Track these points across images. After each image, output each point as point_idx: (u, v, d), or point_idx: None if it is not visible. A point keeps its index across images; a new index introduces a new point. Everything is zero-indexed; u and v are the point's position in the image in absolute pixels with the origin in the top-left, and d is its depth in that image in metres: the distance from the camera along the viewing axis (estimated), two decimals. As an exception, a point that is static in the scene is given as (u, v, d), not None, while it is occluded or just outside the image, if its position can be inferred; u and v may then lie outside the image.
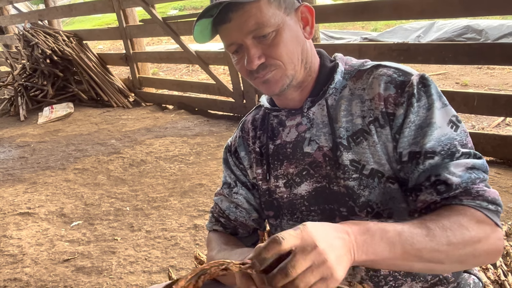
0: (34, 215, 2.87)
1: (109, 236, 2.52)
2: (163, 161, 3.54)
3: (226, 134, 4.05)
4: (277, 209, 0.99)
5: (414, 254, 0.72)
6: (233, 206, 1.05)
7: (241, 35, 0.85)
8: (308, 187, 0.94)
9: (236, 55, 0.90)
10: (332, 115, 0.91)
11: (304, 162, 0.94)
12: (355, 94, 0.91)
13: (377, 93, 0.87)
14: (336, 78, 0.92)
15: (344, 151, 0.89)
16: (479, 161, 0.82)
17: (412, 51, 3.06)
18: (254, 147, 1.03)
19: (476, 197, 0.79)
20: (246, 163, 1.05)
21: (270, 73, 0.88)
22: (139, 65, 5.53)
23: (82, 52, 5.70)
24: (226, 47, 0.90)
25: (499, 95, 2.89)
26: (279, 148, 0.98)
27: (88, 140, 4.32)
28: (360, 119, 0.89)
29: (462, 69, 5.55)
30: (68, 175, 3.49)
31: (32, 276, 2.21)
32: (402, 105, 0.84)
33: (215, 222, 1.09)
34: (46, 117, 5.29)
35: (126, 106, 5.41)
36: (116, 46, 10.85)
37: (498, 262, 1.79)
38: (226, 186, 1.08)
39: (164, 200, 2.88)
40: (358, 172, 0.88)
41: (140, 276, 2.11)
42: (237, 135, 1.08)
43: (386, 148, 0.87)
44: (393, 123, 0.85)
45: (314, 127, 0.93)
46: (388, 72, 0.88)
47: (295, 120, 0.96)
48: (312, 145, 0.93)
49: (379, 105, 0.86)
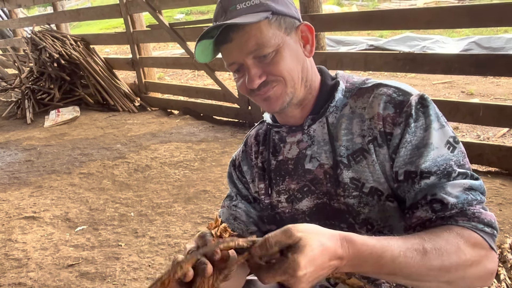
0: (39, 219, 2.88)
1: (113, 241, 2.53)
2: (167, 167, 3.55)
3: (231, 140, 4.06)
4: (279, 223, 1.00)
5: (400, 275, 0.75)
6: (232, 218, 1.07)
7: (242, 55, 0.87)
8: (309, 203, 0.96)
9: (237, 73, 0.92)
10: (333, 133, 0.93)
11: (306, 179, 0.96)
12: (355, 113, 0.92)
13: (376, 112, 0.88)
14: (337, 96, 0.94)
15: (344, 169, 0.90)
16: (477, 182, 0.82)
17: (418, 61, 3.06)
18: (257, 162, 1.05)
19: (471, 219, 0.79)
20: (248, 177, 1.07)
21: (272, 89, 0.89)
22: (145, 70, 5.56)
23: (89, 56, 5.74)
24: (227, 66, 0.92)
25: (505, 106, 2.88)
26: (281, 164, 1.00)
27: (93, 144, 4.34)
28: (360, 138, 0.90)
29: (468, 78, 5.53)
30: (73, 179, 3.51)
31: (36, 281, 2.22)
32: (399, 125, 0.85)
33: None
34: (53, 120, 5.33)
35: (132, 110, 5.44)
36: (123, 50, 10.91)
37: (502, 275, 1.78)
38: (228, 199, 1.11)
39: (168, 206, 2.89)
40: (358, 190, 0.89)
41: (144, 283, 2.12)
42: (241, 150, 1.11)
43: (384, 167, 0.88)
44: (390, 143, 0.86)
45: (315, 145, 0.95)
46: (388, 92, 0.89)
47: (295, 137, 0.98)
48: (313, 162, 0.95)
49: (378, 124, 0.88)
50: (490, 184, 2.63)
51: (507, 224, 2.25)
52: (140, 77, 5.56)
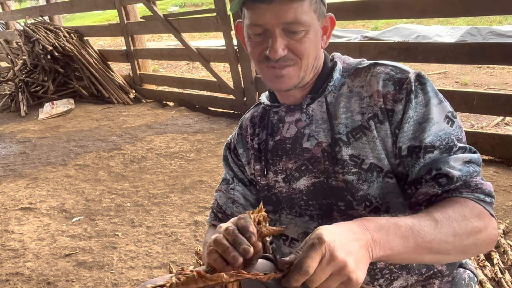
0: (36, 210, 2.88)
1: (110, 231, 2.54)
2: (163, 158, 3.55)
3: (226, 131, 4.06)
4: (275, 204, 1.01)
5: (425, 247, 0.74)
6: (230, 201, 1.08)
7: (275, 22, 0.86)
8: (306, 182, 0.96)
9: (255, 37, 0.90)
10: (331, 111, 0.94)
11: (303, 158, 0.96)
12: (353, 92, 0.94)
13: (375, 90, 0.90)
14: (334, 76, 0.95)
15: (343, 146, 0.91)
16: (475, 156, 0.86)
17: (413, 50, 3.07)
18: (253, 143, 1.05)
19: (475, 190, 0.82)
20: (244, 160, 1.07)
21: (288, 68, 0.90)
22: (140, 61, 5.54)
23: (83, 48, 5.71)
24: (250, 25, 0.89)
25: (499, 95, 2.91)
26: (279, 144, 1.00)
27: (88, 136, 4.33)
28: (359, 115, 0.92)
29: (462, 68, 5.56)
30: (69, 171, 3.50)
31: (34, 271, 2.23)
32: (400, 101, 0.87)
33: (214, 217, 1.12)
34: (47, 113, 5.31)
35: (127, 102, 5.43)
36: (117, 42, 10.85)
37: (495, 259, 1.81)
38: (224, 183, 1.11)
39: (164, 196, 2.90)
40: (357, 167, 0.90)
41: (141, 271, 2.13)
42: (236, 133, 1.11)
43: (385, 144, 0.89)
44: (392, 119, 0.88)
45: (313, 123, 0.96)
46: (386, 70, 0.91)
47: (294, 116, 0.99)
48: (311, 140, 0.95)
49: (378, 101, 0.89)
50: (484, 172, 2.66)
51: (500, 211, 2.28)
52: (134, 69, 5.53)
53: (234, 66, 4.29)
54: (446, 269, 0.95)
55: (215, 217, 1.11)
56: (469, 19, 7.73)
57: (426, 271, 0.94)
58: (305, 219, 0.97)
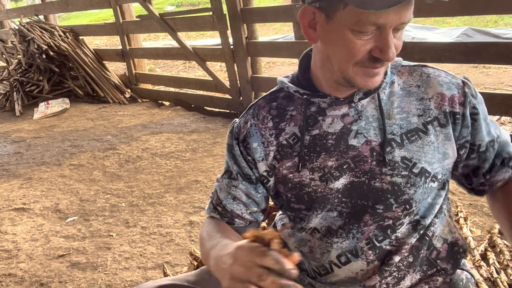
0: (29, 211, 2.86)
1: (104, 232, 2.52)
2: (159, 158, 3.54)
3: (222, 131, 4.05)
4: (308, 203, 0.95)
5: None
6: (231, 197, 1.01)
7: (396, 21, 0.77)
8: (345, 180, 0.91)
9: (363, 35, 0.79)
10: (384, 110, 0.90)
11: (347, 156, 0.90)
12: (407, 91, 0.91)
13: (439, 92, 0.90)
14: (387, 72, 0.91)
15: (396, 147, 0.88)
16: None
17: (409, 50, 3.07)
18: (278, 140, 0.95)
19: None
20: (257, 155, 0.96)
21: (383, 67, 0.85)
22: (135, 61, 5.51)
23: (78, 48, 5.68)
24: (363, 24, 0.77)
25: (494, 94, 2.91)
26: (317, 139, 0.92)
27: (84, 136, 4.31)
28: (416, 117, 0.89)
29: (458, 68, 5.56)
30: (63, 170, 3.48)
31: (27, 272, 2.21)
32: (468, 105, 0.90)
33: (213, 209, 1.05)
34: (42, 112, 5.27)
35: (122, 102, 5.40)
36: (113, 42, 10.82)
37: (491, 259, 1.81)
38: (227, 176, 1.02)
39: (159, 196, 2.88)
40: (408, 170, 0.88)
41: (135, 272, 2.12)
42: (247, 122, 0.99)
43: (444, 146, 0.90)
44: (461, 122, 0.91)
45: (362, 120, 0.90)
46: (442, 74, 0.93)
47: (340, 110, 0.91)
48: (359, 138, 0.89)
49: (443, 105, 0.89)
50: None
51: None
52: (130, 69, 5.51)
53: (230, 65, 4.27)
54: (450, 268, 0.95)
55: (214, 209, 1.04)
56: (465, 19, 7.75)
57: (429, 268, 0.94)
58: (333, 215, 0.93)
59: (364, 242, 0.91)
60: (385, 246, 0.91)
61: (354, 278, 0.94)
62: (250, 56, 4.13)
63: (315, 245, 0.96)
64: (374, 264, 0.92)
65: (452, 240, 0.96)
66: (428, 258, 0.93)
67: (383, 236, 0.90)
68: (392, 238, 0.91)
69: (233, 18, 4.00)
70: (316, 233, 0.95)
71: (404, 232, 0.91)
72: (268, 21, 4.58)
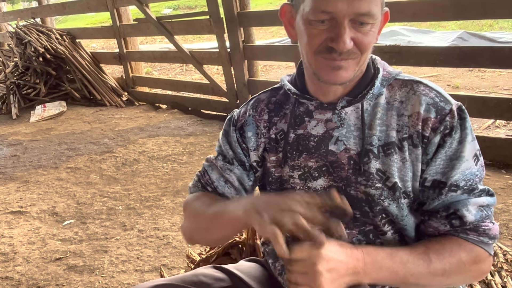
0: (26, 214, 2.86)
1: (101, 235, 2.52)
2: (156, 161, 3.54)
3: (219, 134, 4.04)
4: None
5: (412, 281, 0.83)
6: (223, 180, 1.02)
7: (348, 11, 0.79)
8: (324, 183, 0.93)
9: (316, 25, 0.83)
10: (366, 120, 0.90)
11: (326, 160, 0.92)
12: (391, 105, 0.91)
13: (416, 111, 0.87)
14: (376, 84, 0.91)
15: (372, 159, 0.88)
16: (492, 199, 0.88)
17: (404, 54, 3.09)
18: (268, 133, 0.99)
19: (481, 234, 0.85)
20: (250, 145, 1.00)
21: (348, 60, 0.84)
22: (132, 64, 5.52)
23: (75, 51, 5.68)
24: (314, 12, 0.81)
25: (489, 98, 2.94)
26: (300, 139, 0.95)
27: (80, 139, 4.31)
28: (394, 132, 0.89)
29: (454, 71, 5.60)
30: (60, 174, 3.48)
31: (23, 275, 2.21)
32: (439, 133, 0.86)
33: (202, 188, 1.05)
34: (39, 115, 5.27)
35: (119, 105, 5.40)
36: (110, 45, 10.81)
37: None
38: (221, 158, 1.03)
39: (156, 199, 2.88)
40: (382, 183, 0.88)
41: (132, 275, 2.12)
42: (246, 112, 1.03)
43: (414, 167, 0.88)
44: (427, 148, 0.87)
45: (344, 128, 0.91)
46: (431, 94, 0.89)
47: (325, 115, 0.93)
48: (338, 144, 0.91)
49: (417, 124, 0.87)
50: (474, 174, 2.68)
51: (491, 213, 2.30)
52: (127, 72, 5.52)
53: (227, 68, 4.29)
54: None
55: (203, 188, 1.05)
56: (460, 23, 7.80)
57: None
58: None
59: None
60: None
61: None
62: (247, 59, 4.15)
63: None
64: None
65: None
66: None
67: (366, 241, 0.92)
68: (377, 243, 0.92)
69: (230, 21, 4.02)
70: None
71: (390, 240, 0.92)
72: (265, 24, 4.61)
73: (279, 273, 1.06)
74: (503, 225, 2.19)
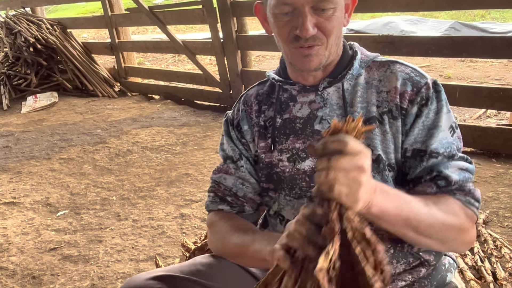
0: (19, 205, 2.85)
1: (95, 225, 2.53)
2: (149, 151, 3.54)
3: (212, 124, 4.06)
4: (276, 183, 1.00)
5: (413, 224, 0.81)
6: (239, 182, 1.05)
7: (306, 0, 0.86)
8: (312, 163, 0.96)
9: (282, 17, 0.90)
10: (347, 99, 0.95)
11: (313, 139, 0.97)
12: (370, 84, 0.96)
13: (393, 86, 0.93)
14: (355, 65, 0.96)
15: None
16: (471, 166, 0.93)
17: (397, 44, 3.10)
18: (258, 121, 1.04)
19: (467, 194, 0.89)
20: (248, 137, 1.05)
21: (316, 47, 0.90)
22: (124, 54, 5.47)
23: (66, 41, 5.62)
24: (277, 5, 0.89)
25: (480, 88, 2.96)
26: (287, 123, 1.00)
27: (73, 130, 4.29)
28: (375, 107, 0.94)
29: (446, 61, 5.63)
30: (53, 164, 3.47)
31: (18, 265, 2.21)
32: (415, 104, 0.91)
33: (220, 202, 1.06)
34: (30, 106, 5.22)
35: (112, 95, 5.37)
36: (101, 35, 10.70)
37: (476, 248, 1.86)
38: (230, 161, 1.07)
39: (150, 189, 2.89)
40: None
41: (127, 264, 2.13)
42: (239, 109, 1.08)
43: (395, 139, 0.92)
44: (406, 119, 0.92)
45: (327, 107, 0.96)
46: (406, 70, 0.95)
47: (308, 97, 0.99)
48: (323, 124, 0.96)
49: (395, 98, 0.92)
50: (466, 163, 2.71)
51: (481, 201, 2.33)
52: (119, 62, 5.48)
53: (220, 59, 4.28)
54: (433, 259, 0.97)
55: (222, 201, 1.06)
56: (452, 13, 7.82)
57: (414, 260, 0.96)
58: (303, 202, 0.97)
59: None
60: None
61: None
62: (240, 49, 4.14)
63: None
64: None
65: None
66: (410, 251, 0.95)
67: None
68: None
69: (222, 11, 4.00)
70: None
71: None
72: (258, 14, 4.56)
73: None
74: (493, 212, 2.22)
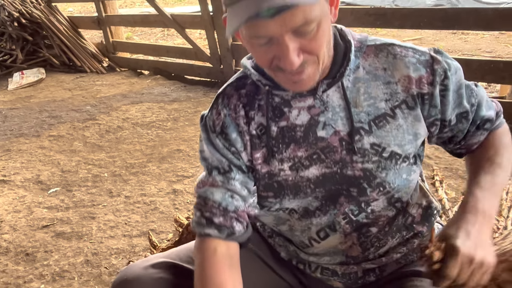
0: (10, 183, 2.83)
1: (88, 202, 2.53)
2: (140, 127, 3.52)
3: (203, 99, 4.03)
4: (277, 190, 0.93)
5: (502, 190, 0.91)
6: (229, 195, 0.92)
7: (283, 30, 0.73)
8: (316, 171, 0.90)
9: (259, 47, 0.78)
10: (350, 98, 0.87)
11: (316, 147, 0.89)
12: (373, 75, 0.88)
13: (406, 75, 0.86)
14: (351, 58, 0.87)
15: (365, 135, 0.87)
16: (481, 88, 0.97)
17: (389, 16, 3.07)
18: (249, 129, 0.92)
19: (499, 116, 0.99)
20: (239, 146, 0.92)
21: (306, 71, 0.79)
22: (112, 28, 5.36)
23: (51, 15, 5.48)
24: (251, 38, 0.76)
25: (471, 60, 2.96)
26: (285, 131, 0.90)
27: (62, 107, 4.23)
28: (383, 103, 0.87)
29: (437, 34, 5.61)
30: (43, 142, 3.43)
31: (11, 242, 2.21)
32: (436, 84, 0.87)
33: (207, 224, 0.92)
34: (17, 83, 5.13)
35: (100, 71, 5.29)
36: (87, 9, 10.44)
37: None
38: (217, 173, 0.93)
39: (142, 166, 2.88)
40: (378, 155, 0.87)
41: (121, 240, 2.15)
42: (219, 112, 0.93)
43: (414, 127, 0.89)
44: (431, 102, 0.88)
45: (329, 111, 0.88)
46: (409, 53, 0.88)
47: (305, 102, 0.89)
48: (327, 129, 0.88)
49: (410, 88, 0.86)
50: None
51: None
52: (107, 37, 5.37)
53: (210, 33, 4.21)
54: (426, 230, 0.98)
55: (209, 223, 0.91)
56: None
57: (407, 233, 0.97)
58: (308, 199, 0.93)
59: (341, 217, 0.93)
60: (361, 219, 0.93)
61: (335, 248, 0.97)
62: (230, 23, 4.06)
63: (295, 224, 0.97)
64: (352, 236, 0.95)
65: (425, 204, 0.98)
66: (405, 225, 0.96)
67: (359, 210, 0.92)
68: (368, 212, 0.92)
69: (212, -17, 3.91)
70: (294, 213, 0.95)
71: (380, 205, 0.92)
72: (248, -14, 4.47)
73: (269, 236, 1.09)
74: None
